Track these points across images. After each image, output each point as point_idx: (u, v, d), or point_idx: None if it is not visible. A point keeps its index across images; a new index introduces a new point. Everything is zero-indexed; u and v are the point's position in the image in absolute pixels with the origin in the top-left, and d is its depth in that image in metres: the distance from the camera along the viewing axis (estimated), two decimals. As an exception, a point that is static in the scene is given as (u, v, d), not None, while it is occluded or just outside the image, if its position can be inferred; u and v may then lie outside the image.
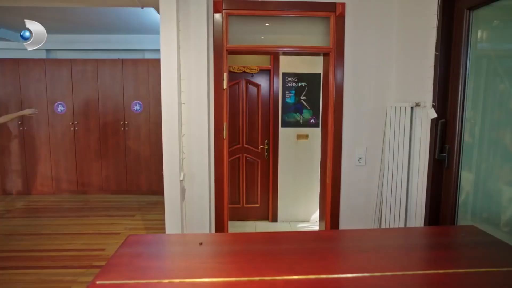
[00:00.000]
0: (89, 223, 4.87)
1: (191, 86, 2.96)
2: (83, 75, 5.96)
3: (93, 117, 6.02)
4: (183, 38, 2.91)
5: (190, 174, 3.03)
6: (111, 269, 1.34)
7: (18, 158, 6.09)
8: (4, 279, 3.41)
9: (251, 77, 4.79)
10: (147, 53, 6.60)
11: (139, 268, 1.35)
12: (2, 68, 5.93)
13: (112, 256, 1.42)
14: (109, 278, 1.27)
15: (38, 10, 4.85)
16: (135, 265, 1.37)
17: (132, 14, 5.12)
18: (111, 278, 1.27)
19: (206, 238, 1.57)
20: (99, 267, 3.61)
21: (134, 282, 1.24)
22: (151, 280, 1.25)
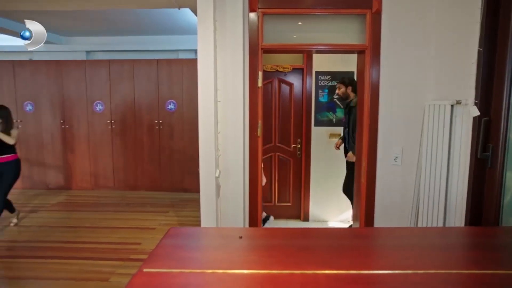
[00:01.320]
0: (126, 218, 5.04)
1: (227, 85, 3.01)
2: (120, 75, 6.18)
3: (129, 116, 6.23)
4: (219, 37, 2.96)
5: (225, 171, 3.08)
6: (156, 259, 1.39)
7: (60, 154, 6.39)
8: (50, 267, 3.60)
9: (284, 76, 4.80)
10: (181, 53, 6.75)
11: (182, 258, 1.40)
12: (47, 69, 6.24)
13: (156, 247, 1.48)
14: (154, 267, 1.32)
15: (80, 13, 5.08)
16: (178, 255, 1.42)
17: (167, 15, 5.27)
18: (157, 267, 1.32)
19: (245, 232, 1.60)
20: (136, 260, 3.76)
21: (179, 271, 1.28)
22: (195, 270, 1.30)
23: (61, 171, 6.44)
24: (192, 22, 5.66)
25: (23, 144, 6.30)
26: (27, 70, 6.27)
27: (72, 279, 3.37)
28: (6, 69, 6.25)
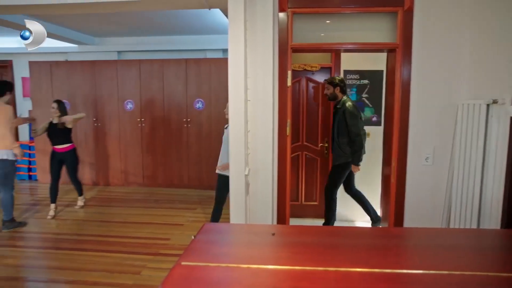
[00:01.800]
0: (155, 214, 5.18)
1: (257, 84, 3.04)
2: (150, 74, 6.33)
3: (158, 114, 6.38)
4: (249, 37, 3.00)
5: (255, 170, 3.12)
6: (192, 253, 1.44)
7: (93, 151, 6.62)
8: (85, 259, 3.76)
9: (312, 75, 4.80)
10: (208, 53, 6.84)
11: (217, 253, 1.45)
12: (81, 69, 6.48)
13: (191, 241, 1.53)
14: (191, 260, 1.37)
15: (112, 15, 5.24)
16: (213, 250, 1.47)
17: (196, 15, 5.35)
18: (193, 260, 1.37)
19: (277, 229, 1.63)
20: (166, 255, 3.86)
21: (215, 265, 1.33)
22: (230, 264, 1.34)
23: (93, 168, 6.68)
24: (220, 22, 5.73)
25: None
26: (63, 70, 6.54)
27: (107, 271, 3.51)
28: (44, 69, 6.54)
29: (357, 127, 4.00)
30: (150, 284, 3.28)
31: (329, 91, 4.21)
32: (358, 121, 4.05)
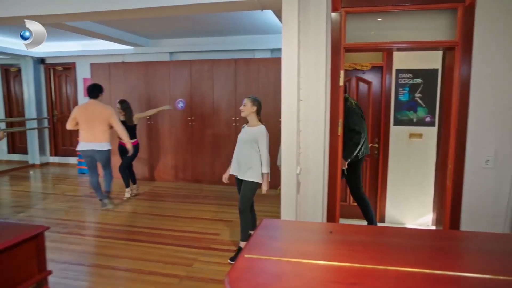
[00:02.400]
0: (204, 210, 5.35)
1: (309, 84, 3.07)
2: (200, 74, 6.54)
3: (208, 113, 6.57)
4: (302, 37, 3.03)
5: (306, 169, 3.15)
6: (254, 247, 1.51)
7: (146, 148, 6.96)
8: (140, 249, 3.98)
9: (362, 74, 4.73)
10: (257, 53, 6.93)
11: (277, 247, 1.50)
12: (136, 70, 6.83)
13: (253, 235, 1.60)
14: (253, 253, 1.43)
15: (167, 18, 5.47)
16: (273, 245, 1.53)
17: (246, 16, 5.45)
18: (256, 254, 1.43)
19: (335, 227, 1.66)
20: (216, 249, 4.00)
21: (276, 259, 1.38)
22: (292, 259, 1.39)
23: (146, 164, 7.01)
24: (269, 22, 5.80)
25: (115, 137, 6.97)
26: (120, 70, 6.92)
27: (161, 262, 3.70)
28: (103, 70, 6.96)
29: (354, 123, 3.90)
30: (202, 276, 3.42)
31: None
32: (359, 119, 3.95)
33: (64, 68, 8.35)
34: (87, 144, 5.14)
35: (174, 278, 3.39)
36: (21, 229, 1.45)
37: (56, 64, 8.33)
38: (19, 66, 8.32)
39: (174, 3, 3.38)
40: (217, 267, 3.60)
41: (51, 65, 8.37)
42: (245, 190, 3.70)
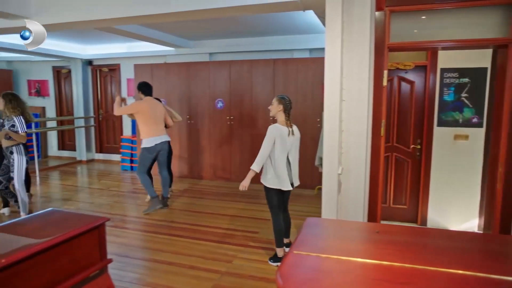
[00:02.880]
0: (243, 208, 5.44)
1: (352, 84, 3.06)
2: (239, 74, 6.64)
3: (246, 113, 6.66)
4: (346, 37, 3.02)
5: (347, 169, 3.14)
6: (302, 244, 1.54)
7: (186, 146, 7.16)
8: (182, 244, 4.12)
9: (405, 74, 4.62)
10: (295, 53, 6.94)
11: (324, 245, 1.53)
12: (178, 71, 7.04)
13: (299, 233, 1.64)
14: (302, 250, 1.47)
15: (208, 20, 5.60)
16: (320, 242, 1.55)
17: (285, 16, 5.48)
18: (304, 250, 1.47)
19: (381, 227, 1.66)
20: (256, 247, 4.06)
21: (326, 256, 1.41)
22: (341, 257, 1.41)
23: (186, 162, 7.21)
24: (308, 22, 5.79)
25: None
26: (162, 71, 7.16)
27: (202, 257, 3.81)
28: (146, 71, 7.23)
29: None
30: (242, 273, 3.49)
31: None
32: None
33: (109, 69, 8.75)
34: (158, 138, 5.18)
35: (215, 273, 3.48)
36: (85, 220, 1.57)
37: (102, 66, 8.74)
38: (69, 68, 8.80)
39: (218, 6, 3.48)
40: (256, 265, 3.66)
41: (97, 66, 8.80)
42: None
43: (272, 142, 3.42)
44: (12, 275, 1.26)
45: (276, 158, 3.45)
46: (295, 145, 3.53)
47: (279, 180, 3.49)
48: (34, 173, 7.53)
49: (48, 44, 7.62)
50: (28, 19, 4.19)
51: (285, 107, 3.47)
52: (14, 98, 4.65)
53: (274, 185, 3.53)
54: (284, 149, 3.44)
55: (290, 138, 3.45)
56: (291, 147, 3.48)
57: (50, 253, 1.36)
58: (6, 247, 1.39)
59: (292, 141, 3.48)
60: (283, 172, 3.45)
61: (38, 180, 7.23)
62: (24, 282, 1.30)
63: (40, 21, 4.22)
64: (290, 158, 3.49)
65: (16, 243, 1.40)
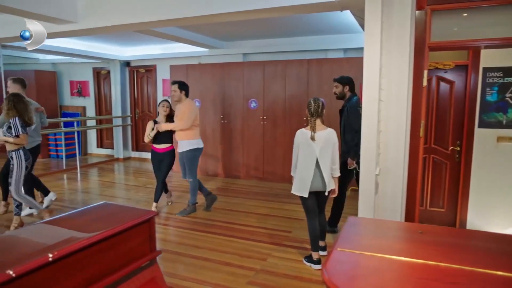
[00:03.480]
0: (275, 207, 5.48)
1: (391, 84, 3.03)
2: (273, 75, 6.69)
3: (279, 113, 6.70)
4: (385, 37, 3.00)
5: (385, 170, 3.11)
6: (345, 241, 1.57)
7: (219, 146, 7.28)
8: (217, 241, 4.21)
9: (444, 74, 4.50)
10: (329, 53, 6.90)
11: (368, 243, 1.54)
12: (212, 71, 7.18)
13: (341, 231, 1.66)
14: (346, 248, 1.49)
15: (242, 20, 5.66)
16: (363, 241, 1.57)
17: (320, 16, 5.46)
18: (348, 248, 1.49)
19: (424, 228, 1.65)
20: (289, 246, 4.09)
21: (370, 254, 1.42)
22: (385, 255, 1.42)
23: (218, 161, 7.34)
24: (343, 22, 5.75)
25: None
26: (197, 72, 7.33)
27: (237, 255, 3.88)
28: (181, 72, 7.42)
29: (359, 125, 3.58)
30: (277, 271, 3.53)
31: (338, 90, 4.23)
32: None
33: (146, 70, 9.03)
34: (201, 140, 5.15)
35: (250, 270, 3.54)
36: (136, 213, 1.67)
37: (139, 67, 9.04)
38: (108, 69, 9.16)
39: (257, 7, 3.53)
40: (290, 263, 3.69)
41: (135, 67, 9.11)
42: None
43: (296, 147, 3.40)
44: (74, 262, 1.36)
45: (299, 163, 3.39)
46: (327, 149, 3.33)
47: (301, 185, 3.40)
48: (75, 169, 7.93)
49: (89, 46, 7.98)
50: (75, 23, 4.43)
51: (308, 111, 3.41)
52: (13, 100, 4.29)
53: (295, 190, 3.49)
54: (308, 154, 3.32)
55: (317, 143, 3.31)
56: (321, 152, 3.31)
57: (107, 243, 1.46)
58: (66, 238, 1.49)
59: (321, 146, 3.31)
60: (307, 178, 3.35)
61: (79, 176, 7.59)
62: (84, 270, 1.40)
63: (87, 25, 4.47)
64: (320, 164, 3.31)
65: (75, 234, 1.50)
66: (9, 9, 3.92)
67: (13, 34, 5.31)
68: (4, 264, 1.20)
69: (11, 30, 5.28)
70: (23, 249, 1.41)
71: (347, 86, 4.25)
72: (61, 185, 7.02)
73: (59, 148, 9.24)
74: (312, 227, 3.63)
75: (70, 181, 7.37)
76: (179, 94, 5.01)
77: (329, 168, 3.37)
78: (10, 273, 1.11)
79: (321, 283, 3.28)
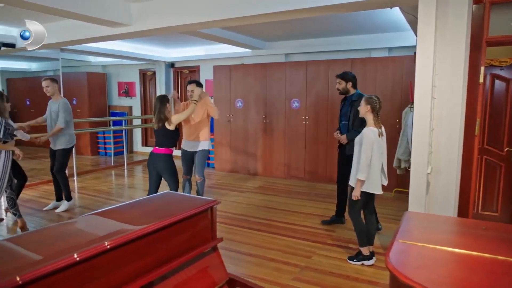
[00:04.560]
0: (318, 207, 5.46)
1: (445, 81, 2.95)
2: (316, 75, 6.67)
3: (322, 113, 6.67)
4: (439, 32, 2.93)
5: (437, 170, 3.04)
6: (405, 234, 1.56)
7: (260, 145, 7.36)
8: (261, 238, 4.27)
9: (499, 71, 4.31)
10: (373, 52, 6.79)
11: (428, 237, 1.53)
12: (254, 71, 7.28)
13: (400, 224, 1.65)
14: (407, 240, 1.49)
15: (284, 21, 5.70)
16: (424, 234, 1.55)
17: (363, 15, 5.39)
18: (409, 240, 1.49)
19: (487, 225, 1.60)
20: (333, 245, 4.07)
21: (432, 247, 1.42)
22: (450, 248, 1.40)
23: (259, 160, 7.42)
24: (388, 20, 5.64)
25: (233, 133, 7.56)
26: (240, 72, 7.45)
27: (281, 251, 3.91)
28: (224, 72, 7.58)
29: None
30: (322, 268, 3.53)
31: (341, 86, 4.32)
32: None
33: (189, 71, 9.29)
34: None
35: (295, 267, 3.57)
36: (198, 202, 1.75)
37: (183, 68, 9.31)
38: (154, 70, 9.51)
39: (306, 6, 3.56)
40: (336, 262, 3.67)
41: (179, 68, 9.40)
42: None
43: (371, 147, 3.25)
44: (145, 245, 1.46)
45: (373, 163, 3.30)
46: (385, 145, 3.44)
47: (373, 183, 3.37)
48: (122, 166, 8.30)
49: (137, 48, 8.33)
50: (129, 26, 4.66)
51: (373, 107, 3.28)
52: None
53: (366, 188, 3.42)
54: (379, 152, 3.33)
55: (382, 139, 3.37)
56: (383, 149, 3.40)
57: (174, 228, 1.55)
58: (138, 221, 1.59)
59: (383, 142, 3.40)
60: (377, 176, 3.34)
61: (126, 172, 7.94)
62: (153, 252, 1.50)
63: (140, 27, 4.68)
64: (382, 160, 3.38)
65: (145, 219, 1.61)
66: (67, 13, 4.18)
67: (71, 38, 5.67)
68: (78, 244, 1.32)
69: (70, 35, 5.64)
70: (97, 231, 1.52)
71: (350, 83, 4.31)
72: (110, 180, 7.38)
73: (108, 146, 9.71)
74: (359, 223, 3.62)
75: (118, 177, 7.72)
76: (201, 91, 4.94)
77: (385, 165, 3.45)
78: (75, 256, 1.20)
79: (368, 283, 3.25)
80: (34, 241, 1.41)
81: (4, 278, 1.08)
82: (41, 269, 1.13)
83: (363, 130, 3.38)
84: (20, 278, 1.08)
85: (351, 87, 4.33)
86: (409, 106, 5.12)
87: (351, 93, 4.33)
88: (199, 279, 1.60)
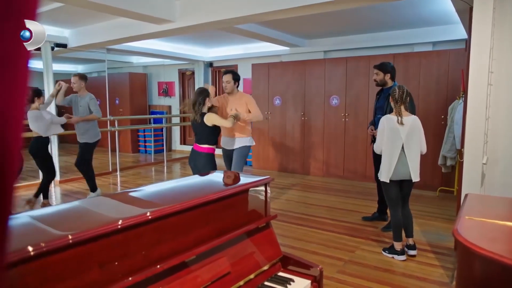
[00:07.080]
0: (359, 204, 5.35)
1: (503, 67, 2.81)
2: (356, 71, 6.56)
3: (362, 110, 6.55)
4: (497, 14, 2.79)
5: (493, 161, 2.89)
6: (471, 211, 1.49)
7: (299, 142, 7.32)
8: (302, 232, 4.24)
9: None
10: (416, 47, 6.60)
11: (497, 214, 1.45)
12: (292, 69, 7.26)
13: (463, 204, 1.59)
14: (473, 216, 1.43)
15: (323, 17, 5.65)
16: (490, 212, 1.48)
17: (407, 9, 5.25)
18: (476, 216, 1.42)
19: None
20: (377, 241, 3.97)
21: (502, 223, 1.35)
22: None
23: (298, 157, 7.38)
24: (432, 13, 5.46)
25: (270, 131, 7.58)
26: (278, 70, 7.46)
27: (323, 245, 3.86)
28: (263, 70, 7.62)
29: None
30: (366, 263, 3.45)
31: (379, 77, 4.07)
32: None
33: (227, 70, 9.41)
34: None
35: (338, 260, 3.51)
36: (254, 177, 1.79)
37: (222, 67, 9.44)
38: (192, 70, 9.72)
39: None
40: (380, 257, 3.58)
41: (217, 68, 9.54)
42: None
43: (382, 133, 3.39)
44: (208, 212, 1.48)
45: (384, 149, 3.40)
46: (413, 137, 3.29)
47: (382, 171, 3.45)
48: (162, 163, 8.53)
49: (176, 48, 8.53)
50: (173, 22, 4.79)
51: (392, 97, 3.33)
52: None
53: (381, 176, 3.49)
54: (394, 139, 3.31)
55: (403, 128, 3.26)
56: (407, 138, 3.28)
57: (232, 200, 1.57)
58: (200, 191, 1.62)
59: (407, 132, 3.27)
60: (390, 163, 3.36)
61: (165, 169, 8.15)
62: (215, 220, 1.52)
63: (183, 23, 4.80)
64: (406, 150, 3.29)
65: (208, 189, 1.64)
66: (120, 10, 4.36)
67: (117, 37, 5.90)
68: (147, 205, 1.36)
69: (116, 33, 5.87)
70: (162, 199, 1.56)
71: (388, 74, 4.09)
72: (150, 176, 7.60)
73: (148, 144, 10.01)
74: (394, 218, 3.57)
75: (158, 172, 7.94)
76: (232, 85, 4.51)
77: (417, 156, 3.35)
78: (147, 214, 1.23)
79: (416, 278, 3.14)
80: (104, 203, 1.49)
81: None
82: (135, 217, 1.20)
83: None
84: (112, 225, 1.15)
85: (389, 79, 4.11)
86: (457, 98, 4.93)
87: (389, 86, 4.10)
88: (253, 253, 1.61)
